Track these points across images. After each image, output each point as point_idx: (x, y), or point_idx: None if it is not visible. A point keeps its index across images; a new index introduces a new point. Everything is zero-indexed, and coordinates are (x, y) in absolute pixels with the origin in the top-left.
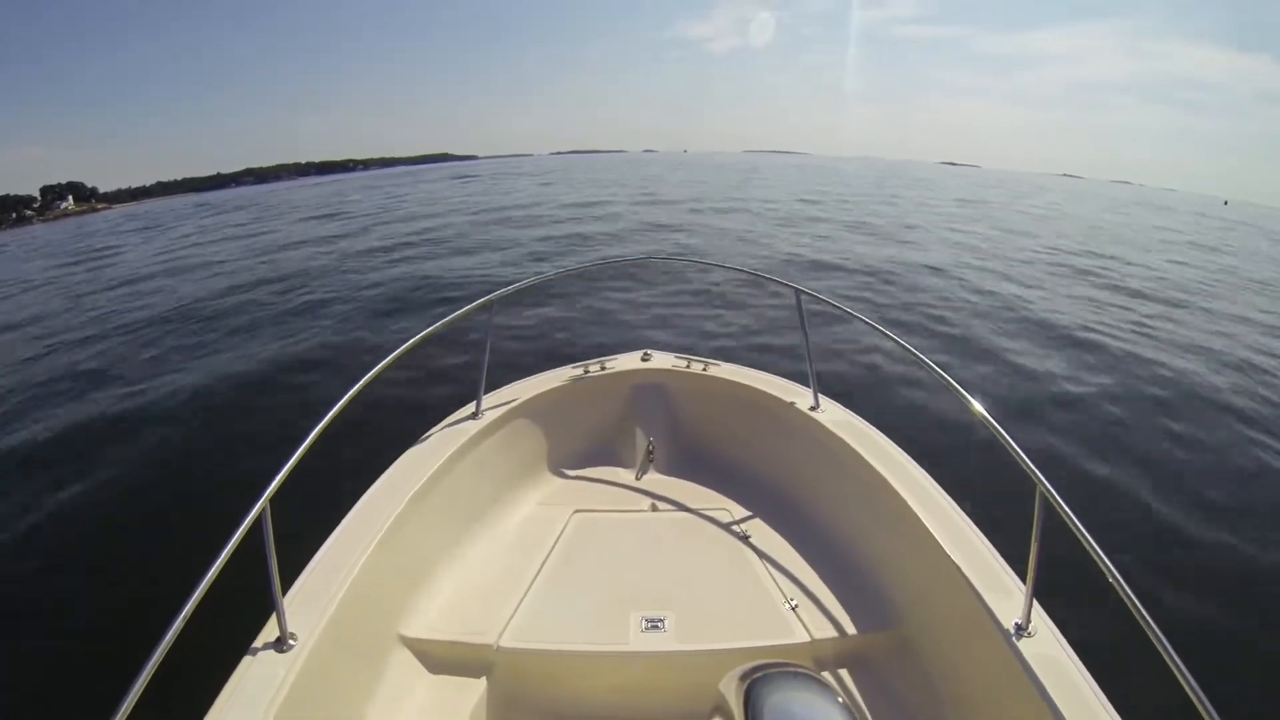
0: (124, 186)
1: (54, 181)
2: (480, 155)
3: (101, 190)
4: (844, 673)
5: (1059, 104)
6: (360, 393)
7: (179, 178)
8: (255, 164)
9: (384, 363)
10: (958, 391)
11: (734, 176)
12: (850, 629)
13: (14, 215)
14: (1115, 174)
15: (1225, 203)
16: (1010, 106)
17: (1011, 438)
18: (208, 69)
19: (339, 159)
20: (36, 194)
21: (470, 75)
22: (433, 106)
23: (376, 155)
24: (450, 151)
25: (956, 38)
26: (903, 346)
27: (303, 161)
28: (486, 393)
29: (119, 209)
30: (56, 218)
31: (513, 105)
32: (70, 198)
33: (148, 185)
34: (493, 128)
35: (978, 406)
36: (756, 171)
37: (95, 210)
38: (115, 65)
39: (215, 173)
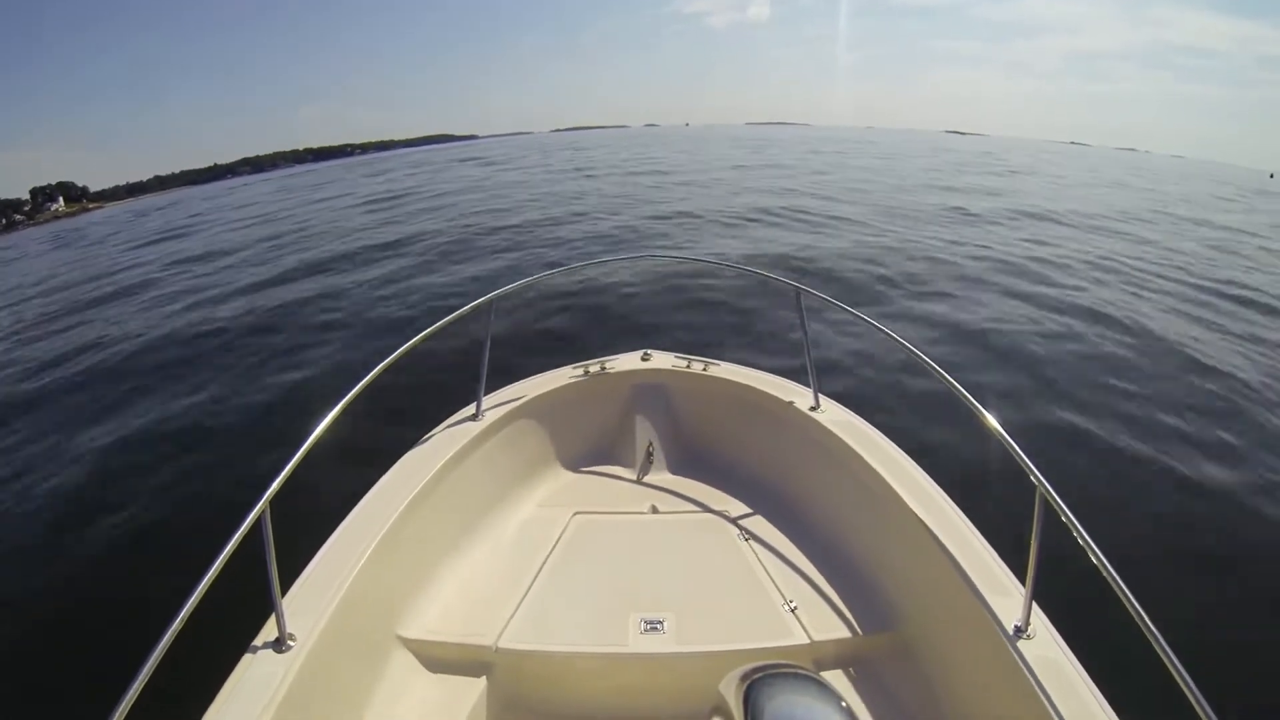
0: (121, 183)
1: (56, 181)
2: (480, 135)
3: (98, 189)
4: (844, 674)
5: (1058, 72)
6: (360, 394)
7: (177, 171)
8: (252, 153)
9: (383, 364)
10: (959, 392)
11: (795, 171)
12: (850, 631)
13: (3, 220)
14: (1119, 141)
15: (1271, 175)
16: (1009, 74)
17: (1012, 438)
18: (205, 61)
19: (336, 145)
20: (26, 196)
21: (468, 55)
22: (431, 88)
23: (374, 139)
24: (449, 132)
25: (954, 4)
26: (904, 346)
27: (300, 149)
28: (486, 393)
29: (113, 207)
30: (46, 220)
31: (512, 84)
32: (61, 199)
33: (145, 180)
34: (493, 107)
35: (979, 407)
36: (791, 156)
37: (87, 210)
38: (110, 61)
39: (211, 164)
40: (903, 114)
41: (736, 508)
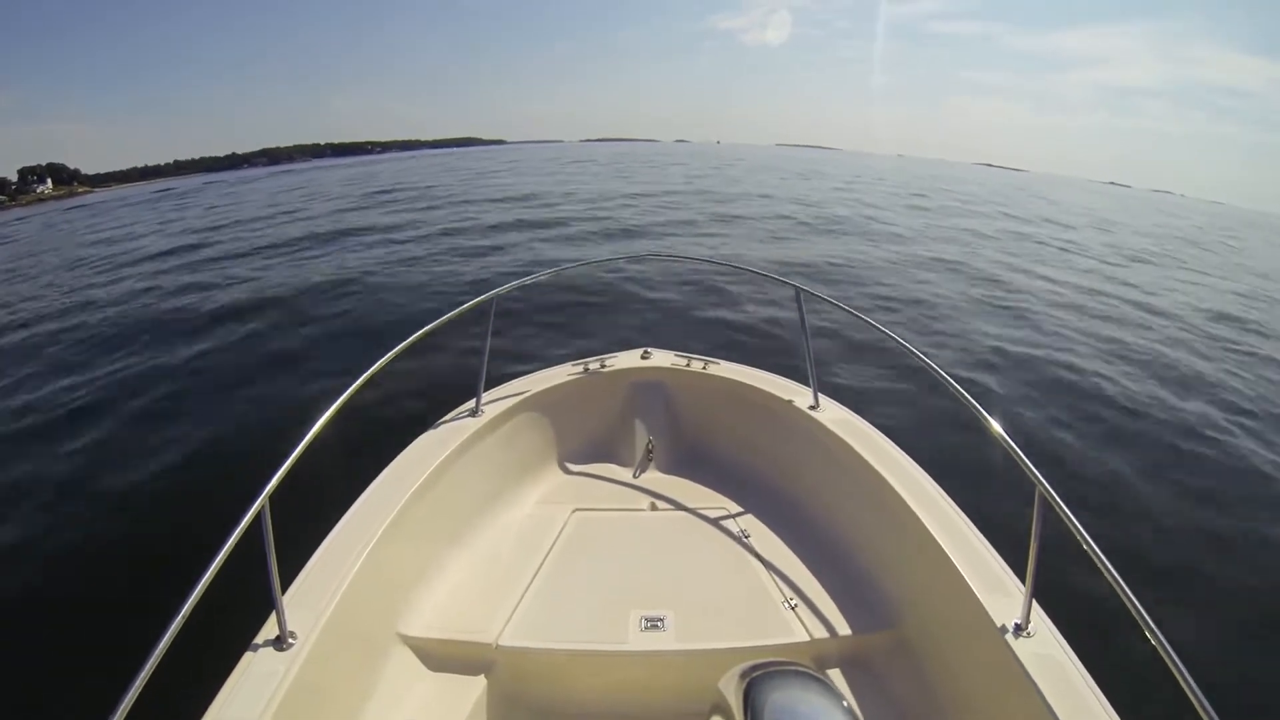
0: (137, 165)
1: (67, 160)
2: (509, 140)
3: (118, 169)
4: (843, 672)
5: (1089, 107)
6: (359, 390)
7: (196, 157)
8: (273, 144)
9: (383, 360)
10: (958, 391)
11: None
12: (849, 629)
13: None
14: (1153, 183)
15: None
16: (1040, 108)
17: (1011, 438)
18: (236, 49)
19: (357, 141)
20: (14, 176)
21: (502, 60)
22: (460, 89)
23: (399, 138)
24: (478, 135)
25: (986, 34)
26: (904, 346)
27: (321, 143)
28: (486, 390)
29: (103, 192)
30: (30, 202)
31: (544, 91)
32: (49, 181)
33: (162, 165)
34: (521, 112)
35: (978, 408)
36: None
37: (76, 194)
38: (143, 44)
39: (230, 153)
40: (931, 142)
41: (736, 506)
